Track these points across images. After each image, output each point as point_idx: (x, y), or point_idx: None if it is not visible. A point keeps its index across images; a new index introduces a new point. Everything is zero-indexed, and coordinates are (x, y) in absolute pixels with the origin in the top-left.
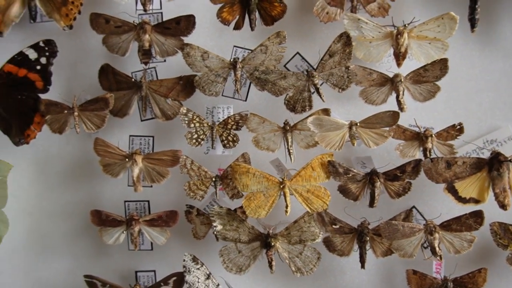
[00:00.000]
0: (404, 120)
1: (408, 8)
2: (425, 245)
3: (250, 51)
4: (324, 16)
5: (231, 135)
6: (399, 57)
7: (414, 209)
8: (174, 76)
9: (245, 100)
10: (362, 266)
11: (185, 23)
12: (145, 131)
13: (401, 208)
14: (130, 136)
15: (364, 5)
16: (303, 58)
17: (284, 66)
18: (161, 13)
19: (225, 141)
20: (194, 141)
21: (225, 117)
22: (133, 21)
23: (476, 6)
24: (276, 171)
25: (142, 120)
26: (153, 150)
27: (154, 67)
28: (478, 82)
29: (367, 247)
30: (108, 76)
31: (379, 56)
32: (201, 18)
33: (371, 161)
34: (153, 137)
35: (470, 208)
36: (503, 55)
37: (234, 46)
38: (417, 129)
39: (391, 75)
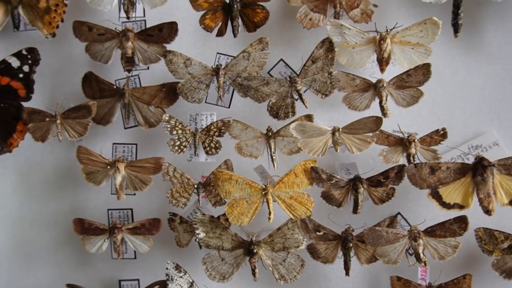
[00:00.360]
0: (388, 126)
1: (391, 14)
2: (410, 251)
3: (233, 58)
4: (307, 22)
5: (214, 142)
6: (382, 62)
7: (399, 215)
8: (158, 84)
9: (229, 107)
10: (347, 273)
11: (168, 30)
12: (128, 138)
13: (386, 214)
14: (114, 144)
15: (347, 11)
16: (286, 64)
17: (268, 72)
18: (145, 20)
19: (208, 148)
20: (176, 148)
21: (208, 124)
22: (115, 28)
23: (459, 12)
24: (260, 178)
25: (125, 128)
26: (136, 158)
27: (138, 75)
28: (463, 87)
29: (352, 254)
30: (92, 84)
31: (362, 62)
32: (185, 26)
33: (356, 167)
34: (136, 144)
35: (454, 213)
36: (487, 60)
37: (218, 53)
38: (400, 135)
39: (374, 80)
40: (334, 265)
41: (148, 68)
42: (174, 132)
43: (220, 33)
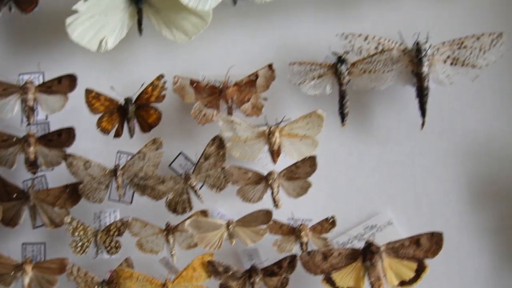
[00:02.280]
0: (287, 213)
1: (282, 107)
2: None
3: (130, 158)
4: (201, 118)
5: (114, 242)
6: (274, 154)
7: None
8: (65, 182)
9: (131, 203)
10: None
11: (66, 135)
12: (38, 237)
13: None
14: (23, 244)
15: (238, 105)
16: (186, 157)
17: (169, 166)
18: (48, 122)
19: (109, 248)
20: (79, 249)
21: (112, 220)
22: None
23: (344, 102)
24: (166, 269)
25: (34, 228)
26: (45, 257)
27: (43, 175)
28: (356, 169)
29: None
30: None
31: (254, 155)
32: (89, 124)
33: (258, 253)
34: (44, 243)
35: None
36: (377, 142)
37: (118, 151)
38: (293, 223)
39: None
40: None
41: (52, 169)
42: (76, 234)
43: (117, 134)
